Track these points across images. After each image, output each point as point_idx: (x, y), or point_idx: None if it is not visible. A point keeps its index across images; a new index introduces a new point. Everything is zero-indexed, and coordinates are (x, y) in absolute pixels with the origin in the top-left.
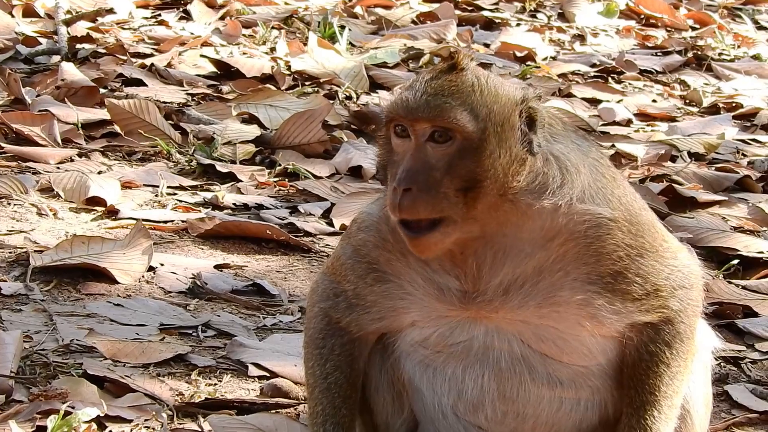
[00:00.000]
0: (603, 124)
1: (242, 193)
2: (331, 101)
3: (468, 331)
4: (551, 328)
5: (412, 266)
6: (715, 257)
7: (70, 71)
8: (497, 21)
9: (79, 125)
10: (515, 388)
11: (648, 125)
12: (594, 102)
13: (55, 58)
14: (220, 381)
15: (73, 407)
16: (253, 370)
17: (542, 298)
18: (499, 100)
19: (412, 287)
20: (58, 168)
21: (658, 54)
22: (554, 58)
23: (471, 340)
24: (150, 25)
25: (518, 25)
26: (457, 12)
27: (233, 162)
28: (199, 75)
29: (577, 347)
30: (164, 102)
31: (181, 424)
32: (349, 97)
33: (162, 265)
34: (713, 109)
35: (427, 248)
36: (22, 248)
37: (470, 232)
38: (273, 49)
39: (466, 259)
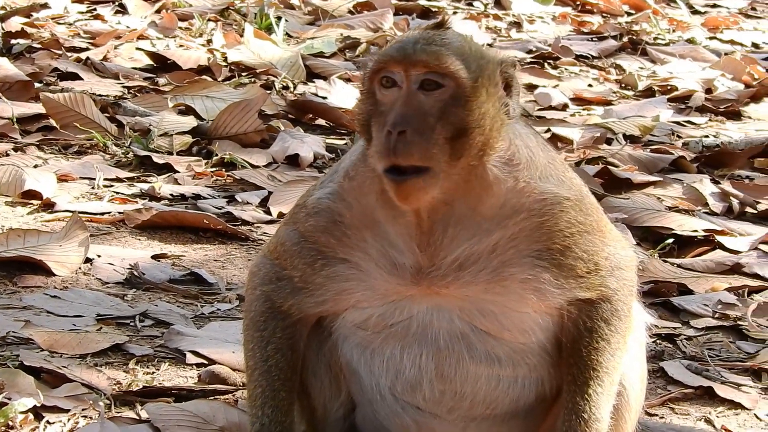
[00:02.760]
0: (539, 109)
1: (179, 184)
2: (268, 91)
3: (408, 310)
4: (495, 302)
5: (368, 241)
6: (650, 237)
7: (5, 66)
8: (434, 10)
9: (14, 120)
10: (453, 367)
11: (584, 109)
12: (530, 88)
13: None
14: (158, 369)
15: (9, 398)
16: (191, 358)
17: (492, 275)
18: (484, 56)
19: (364, 264)
20: None
21: (594, 39)
22: (491, 45)
23: (410, 319)
24: (85, 19)
25: (455, 13)
26: (394, 1)
27: (170, 153)
28: (135, 68)
29: (517, 323)
30: (100, 95)
31: (119, 412)
32: (286, 87)
33: (99, 256)
34: (648, 93)
35: (413, 194)
36: None
37: (444, 192)
38: (209, 41)
39: (432, 227)
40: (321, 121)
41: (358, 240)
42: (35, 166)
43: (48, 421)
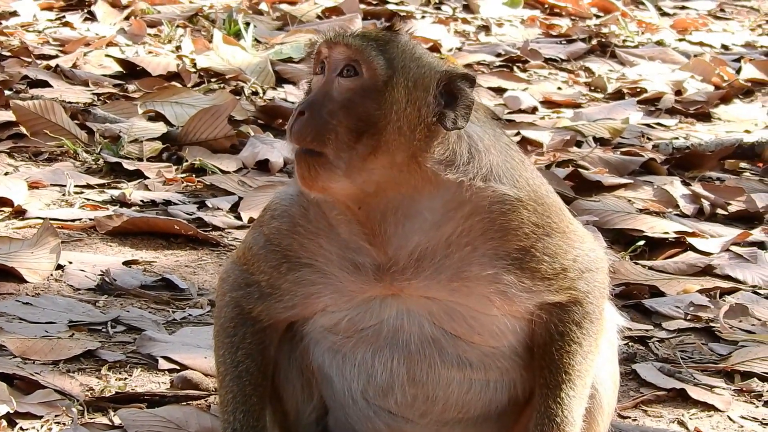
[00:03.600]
0: (509, 112)
1: (150, 190)
2: (237, 97)
3: (378, 314)
4: (462, 305)
5: (325, 247)
6: (621, 239)
7: None
8: (402, 14)
9: None
10: (425, 371)
11: (553, 112)
12: (500, 91)
13: None
14: (131, 375)
15: None
16: (163, 364)
17: (453, 272)
18: (418, 62)
19: (327, 268)
20: None
21: (563, 42)
22: (459, 49)
23: (381, 324)
24: (55, 27)
25: (423, 17)
26: (362, 6)
27: (140, 159)
28: (104, 75)
29: (488, 326)
30: (70, 102)
31: (92, 418)
32: (255, 93)
33: (70, 263)
34: (618, 95)
35: (307, 176)
36: None
37: (364, 186)
38: (178, 48)
39: (370, 219)
40: None
41: (316, 246)
42: (6, 174)
43: (21, 428)
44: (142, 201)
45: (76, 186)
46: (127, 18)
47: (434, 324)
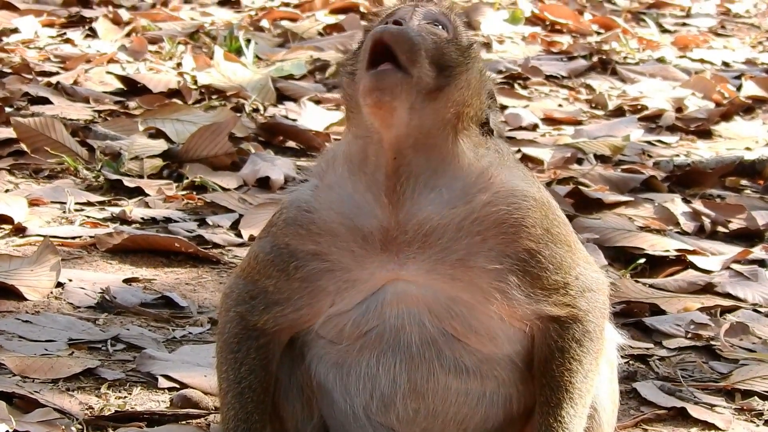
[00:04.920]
0: (510, 130)
1: (150, 207)
2: (238, 114)
3: (380, 314)
4: (462, 300)
5: (336, 221)
6: (622, 257)
7: None
8: None
9: None
10: (425, 378)
11: (554, 129)
12: (501, 108)
13: None
14: (130, 394)
15: None
16: (163, 382)
17: (458, 258)
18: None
19: (334, 256)
20: None
21: (564, 59)
22: None
23: (383, 324)
24: (56, 43)
25: None
26: (363, 23)
27: (141, 177)
28: (105, 92)
29: (486, 326)
30: (71, 119)
31: None
32: (256, 110)
33: (70, 280)
34: (618, 112)
35: (387, 92)
36: None
37: (412, 131)
38: (179, 64)
39: (396, 173)
40: (291, 144)
41: (326, 223)
42: (6, 191)
43: None
44: (142, 218)
45: (76, 203)
46: (128, 35)
47: (434, 322)
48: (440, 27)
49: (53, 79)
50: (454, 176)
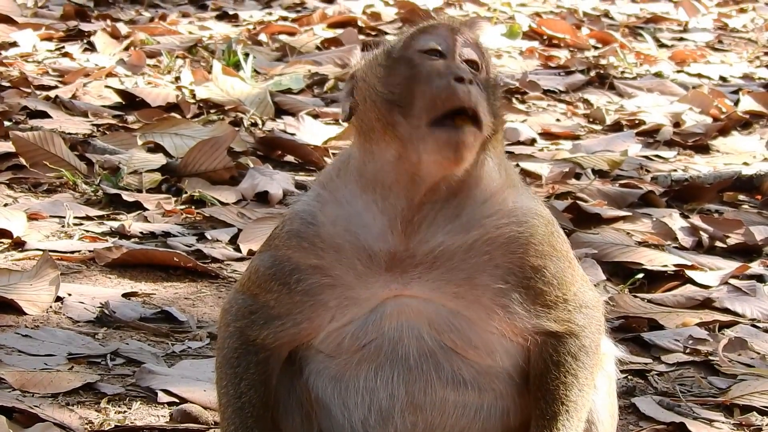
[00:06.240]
0: (508, 144)
1: (149, 222)
2: (237, 128)
3: (379, 327)
4: (462, 316)
5: (341, 237)
6: (620, 272)
7: None
8: None
9: None
10: (422, 390)
11: (552, 144)
12: None
13: None
14: (130, 408)
15: None
16: (162, 397)
17: (464, 278)
18: None
19: (337, 262)
20: None
21: (561, 74)
22: None
23: (381, 336)
24: (54, 57)
25: None
26: (361, 37)
27: (139, 191)
28: (104, 106)
29: (485, 340)
30: (69, 133)
31: None
32: (254, 124)
33: (70, 295)
34: (616, 127)
35: (463, 147)
36: None
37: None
38: (178, 78)
39: (421, 203)
40: (290, 158)
41: (331, 238)
42: (5, 205)
43: None
44: (141, 233)
45: (75, 217)
46: (126, 49)
47: (432, 335)
48: (474, 67)
49: (52, 93)
50: (474, 203)
